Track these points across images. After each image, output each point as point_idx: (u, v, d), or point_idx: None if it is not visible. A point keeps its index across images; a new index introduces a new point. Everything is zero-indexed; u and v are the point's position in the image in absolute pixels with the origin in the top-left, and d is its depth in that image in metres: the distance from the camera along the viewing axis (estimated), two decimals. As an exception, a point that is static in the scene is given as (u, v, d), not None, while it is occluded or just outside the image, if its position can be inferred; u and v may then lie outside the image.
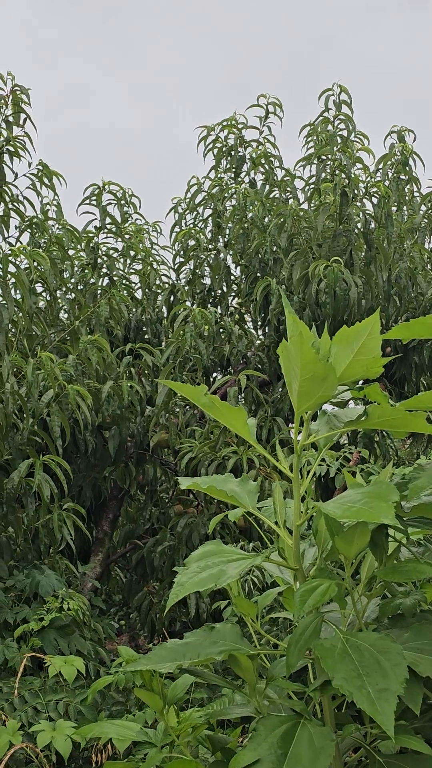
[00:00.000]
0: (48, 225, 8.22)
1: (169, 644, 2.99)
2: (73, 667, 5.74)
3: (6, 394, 6.39)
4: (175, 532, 8.28)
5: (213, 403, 2.84)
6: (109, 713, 5.98)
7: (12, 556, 7.06)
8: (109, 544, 8.88)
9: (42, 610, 6.39)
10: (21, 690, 5.83)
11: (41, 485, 6.51)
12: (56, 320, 8.38)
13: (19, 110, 7.52)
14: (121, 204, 9.28)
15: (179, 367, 8.12)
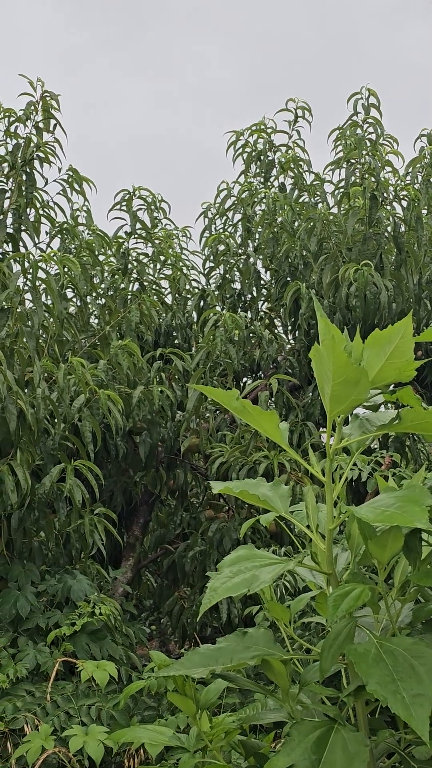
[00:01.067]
0: (78, 230, 8.24)
1: (201, 649, 2.99)
2: (105, 671, 5.75)
3: (38, 400, 6.41)
4: (206, 537, 8.27)
5: (245, 408, 2.83)
6: (141, 718, 5.98)
7: (44, 561, 7.08)
8: (140, 549, 8.88)
9: (74, 615, 6.40)
10: (53, 695, 5.84)
11: (73, 490, 6.52)
12: (86, 325, 8.40)
13: (49, 116, 7.56)
14: (151, 209, 9.30)
15: (210, 371, 8.12)
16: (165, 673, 2.96)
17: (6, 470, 6.23)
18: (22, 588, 6.57)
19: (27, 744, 5.27)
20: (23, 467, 6.28)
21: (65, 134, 7.64)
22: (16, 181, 7.58)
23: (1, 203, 7.53)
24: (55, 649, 6.31)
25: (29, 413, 6.27)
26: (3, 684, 5.83)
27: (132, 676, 6.44)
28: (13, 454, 6.39)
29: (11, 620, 6.44)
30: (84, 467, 6.64)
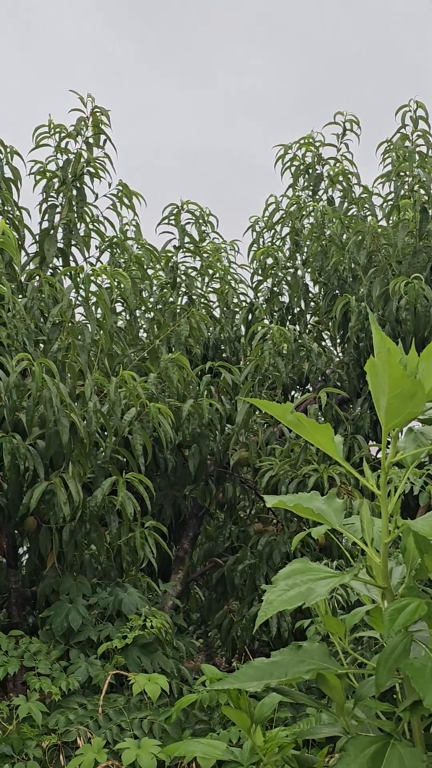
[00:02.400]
0: (127, 245, 8.29)
1: (256, 663, 2.99)
2: (156, 685, 5.76)
3: (89, 413, 6.45)
4: (256, 551, 8.26)
5: (299, 421, 2.83)
6: (193, 732, 5.97)
7: (94, 574, 7.11)
8: (189, 562, 8.89)
9: (125, 628, 6.42)
10: (105, 707, 5.86)
11: (124, 503, 6.55)
12: (136, 339, 8.44)
13: (99, 131, 7.63)
14: (199, 223, 9.33)
15: (258, 385, 8.12)
16: (220, 686, 2.97)
17: (58, 483, 6.27)
18: (74, 601, 6.60)
19: (80, 757, 5.29)
20: (75, 480, 6.32)
21: (115, 149, 7.71)
22: (67, 196, 7.66)
23: (52, 218, 7.61)
24: (106, 662, 6.33)
25: (81, 426, 6.31)
26: (55, 696, 5.86)
27: (183, 690, 6.44)
28: (65, 467, 6.43)
29: (63, 633, 6.47)
30: (135, 480, 6.66)
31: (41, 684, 5.91)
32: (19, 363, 6.10)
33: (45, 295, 6.84)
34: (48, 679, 6.03)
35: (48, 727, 5.76)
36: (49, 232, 7.57)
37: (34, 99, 42.04)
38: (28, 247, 7.74)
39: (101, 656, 6.38)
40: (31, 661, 6.19)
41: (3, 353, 6.39)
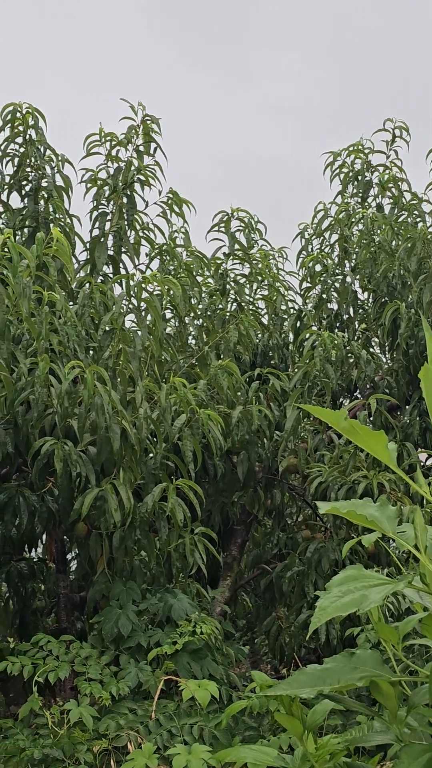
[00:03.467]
0: (177, 252, 8.33)
1: (308, 669, 2.99)
2: (207, 691, 5.77)
3: (140, 419, 6.48)
4: (304, 558, 8.25)
5: (353, 427, 2.83)
6: (243, 738, 5.98)
7: (144, 580, 7.14)
8: (237, 568, 8.90)
9: (175, 634, 6.43)
10: (156, 713, 5.88)
11: (174, 509, 6.58)
12: (185, 346, 8.47)
13: (150, 139, 7.67)
14: (247, 231, 9.35)
15: (307, 391, 8.11)
16: (273, 692, 2.97)
17: (109, 489, 6.31)
18: (124, 606, 6.63)
19: (131, 762, 5.32)
20: (126, 486, 6.36)
21: (165, 157, 7.75)
22: (117, 204, 7.71)
23: (103, 226, 7.66)
24: (156, 668, 6.35)
25: (132, 433, 6.35)
26: (106, 702, 5.89)
27: (232, 696, 6.45)
28: (116, 473, 6.47)
29: (113, 639, 6.50)
30: (186, 486, 6.69)
31: (92, 689, 5.95)
32: (71, 370, 6.15)
33: (96, 302, 6.89)
34: (98, 684, 6.06)
35: (99, 732, 5.79)
36: (99, 240, 7.63)
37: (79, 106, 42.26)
38: (79, 255, 7.81)
39: (151, 662, 6.40)
40: (82, 666, 6.23)
41: (55, 360, 6.44)
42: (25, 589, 7.79)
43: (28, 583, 7.80)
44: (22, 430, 6.56)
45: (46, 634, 6.56)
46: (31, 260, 5.65)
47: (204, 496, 7.26)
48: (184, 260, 8.49)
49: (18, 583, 7.72)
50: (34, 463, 6.44)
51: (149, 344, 6.85)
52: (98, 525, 6.56)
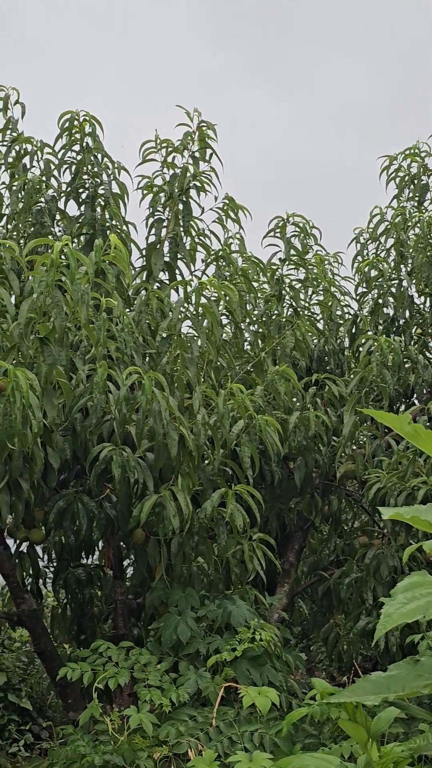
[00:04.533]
0: (233, 258, 8.32)
1: (373, 677, 2.96)
2: (267, 698, 5.74)
3: (197, 425, 6.47)
4: (362, 564, 8.19)
5: (417, 432, 2.81)
6: (303, 746, 5.94)
7: (202, 586, 7.12)
8: (295, 575, 8.86)
9: (234, 641, 6.41)
10: (216, 720, 5.86)
11: (234, 515, 6.56)
12: (241, 352, 8.46)
13: (206, 146, 7.68)
14: (302, 236, 9.32)
15: (365, 397, 8.06)
16: (337, 699, 2.95)
17: (168, 496, 6.31)
18: (183, 613, 6.62)
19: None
20: (184, 493, 6.35)
21: (221, 163, 7.75)
22: (173, 211, 7.72)
23: (159, 232, 7.68)
24: (215, 675, 6.33)
25: (190, 439, 6.34)
26: (166, 708, 5.89)
27: (292, 703, 6.42)
28: (174, 479, 6.47)
29: (172, 645, 6.49)
30: (244, 492, 6.67)
31: (152, 695, 5.95)
32: (129, 377, 6.16)
33: (153, 308, 6.91)
34: (158, 690, 6.06)
35: (159, 739, 5.79)
36: (156, 247, 7.65)
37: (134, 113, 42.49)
38: (135, 262, 7.83)
39: (210, 669, 6.39)
40: (141, 673, 6.23)
41: (113, 367, 6.46)
42: (83, 595, 7.81)
43: (85, 590, 7.82)
44: (80, 436, 6.59)
45: (105, 641, 6.57)
46: (89, 267, 5.67)
47: (261, 502, 7.24)
48: (240, 266, 8.48)
49: (75, 589, 7.74)
50: (92, 470, 6.46)
51: (206, 350, 6.84)
52: (156, 531, 6.56)
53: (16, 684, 9.74)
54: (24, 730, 9.46)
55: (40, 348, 5.67)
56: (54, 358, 5.70)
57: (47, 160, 7.84)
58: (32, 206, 7.55)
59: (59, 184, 7.86)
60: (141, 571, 7.05)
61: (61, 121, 7.63)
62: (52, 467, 6.35)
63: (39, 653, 7.41)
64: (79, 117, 7.61)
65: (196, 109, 7.67)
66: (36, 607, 7.27)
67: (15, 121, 7.97)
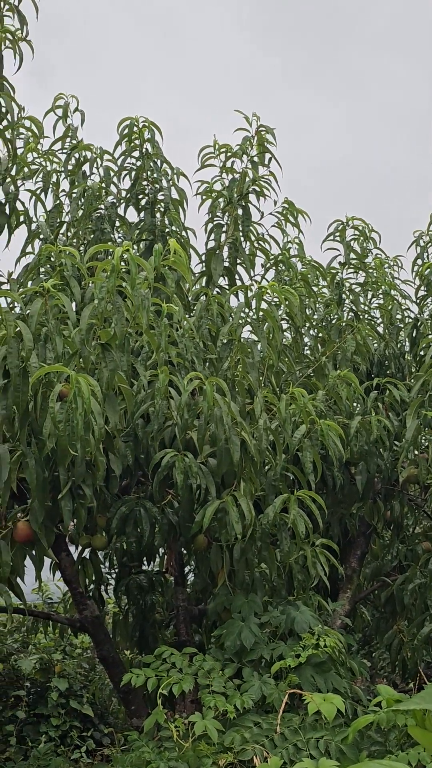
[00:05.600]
0: (292, 262, 8.29)
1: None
2: (332, 705, 5.68)
3: (259, 431, 6.45)
4: (426, 570, 8.12)
5: None
6: (369, 753, 5.88)
7: (264, 592, 7.09)
8: (357, 581, 8.79)
9: (298, 647, 6.36)
10: (281, 726, 5.82)
11: (296, 520, 6.52)
12: (301, 357, 8.42)
13: (264, 150, 7.66)
14: (361, 239, 9.27)
15: (428, 401, 7.98)
16: (406, 706, 2.90)
17: (230, 501, 6.29)
18: (246, 619, 6.59)
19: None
20: (247, 498, 6.32)
21: (280, 167, 7.73)
22: (232, 216, 7.71)
23: (219, 237, 7.68)
24: (279, 681, 6.29)
25: (252, 444, 6.32)
26: (230, 715, 5.86)
27: (357, 710, 6.36)
28: (237, 485, 6.45)
29: (235, 651, 6.46)
30: (307, 497, 6.63)
31: (216, 702, 5.92)
32: (191, 382, 6.15)
33: (213, 313, 6.90)
34: (222, 696, 6.03)
35: (224, 745, 5.75)
36: (215, 252, 7.65)
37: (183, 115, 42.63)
38: (194, 267, 7.83)
39: (274, 675, 6.35)
40: (205, 679, 6.20)
41: (174, 372, 6.46)
42: (145, 601, 7.82)
43: (147, 596, 7.83)
44: (142, 442, 6.60)
45: (166, 647, 6.56)
46: (150, 272, 5.66)
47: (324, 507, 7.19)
48: (300, 270, 8.45)
49: (137, 595, 7.76)
50: (154, 476, 6.47)
51: (267, 355, 6.81)
52: (219, 537, 6.54)
53: (77, 690, 9.80)
54: (86, 736, 9.50)
55: (101, 354, 5.68)
56: (115, 363, 5.70)
57: (107, 167, 7.89)
58: (92, 213, 7.60)
59: (118, 191, 7.90)
60: (203, 577, 7.04)
61: (120, 128, 7.68)
62: (114, 473, 6.36)
63: (102, 659, 7.42)
64: (138, 123, 7.65)
65: (255, 113, 7.67)
66: (98, 613, 7.29)
67: (74, 129, 8.03)
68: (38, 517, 5.87)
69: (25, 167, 7.81)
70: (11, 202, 7.11)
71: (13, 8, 6.75)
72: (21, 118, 7.13)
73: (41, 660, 9.98)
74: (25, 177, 7.78)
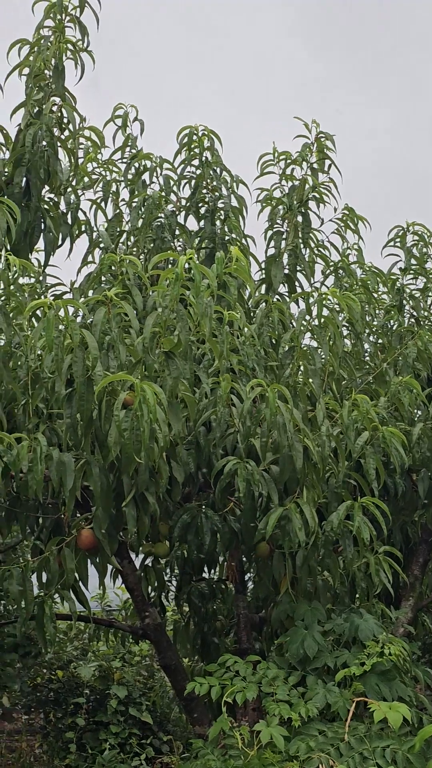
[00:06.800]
0: (352, 269, 8.27)
1: None
2: (398, 713, 5.65)
3: (321, 437, 6.43)
4: None
5: None
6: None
7: (327, 600, 7.06)
8: (420, 589, 8.72)
9: (362, 655, 6.33)
10: (347, 735, 5.79)
11: (360, 527, 6.48)
12: (361, 363, 8.38)
13: (324, 156, 7.66)
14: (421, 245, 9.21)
15: None
16: None
17: (293, 508, 6.27)
18: (309, 627, 6.56)
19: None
20: (309, 505, 6.31)
21: (340, 173, 7.73)
22: (292, 223, 7.71)
23: (279, 244, 7.68)
24: (343, 689, 6.26)
25: (315, 451, 6.30)
26: (295, 723, 5.84)
27: (422, 719, 6.30)
28: (299, 492, 6.43)
29: (299, 659, 6.44)
30: (371, 504, 6.59)
31: (281, 710, 5.90)
32: (253, 389, 6.14)
33: (274, 321, 6.89)
34: (286, 704, 6.01)
35: (289, 754, 5.73)
36: (275, 259, 7.65)
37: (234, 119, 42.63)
38: (253, 275, 7.83)
39: (338, 683, 6.31)
40: (269, 687, 6.19)
41: (235, 380, 6.46)
42: (206, 609, 7.83)
43: (208, 604, 7.83)
44: (204, 450, 6.60)
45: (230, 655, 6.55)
46: (213, 280, 5.67)
47: (389, 514, 7.14)
48: (360, 276, 8.42)
49: (198, 603, 7.76)
50: (216, 483, 6.47)
51: (329, 362, 6.79)
52: (281, 544, 6.53)
53: (136, 698, 9.81)
54: (145, 744, 9.52)
55: (165, 362, 5.70)
56: (179, 371, 5.72)
57: (166, 176, 7.94)
58: (152, 222, 7.63)
59: (178, 199, 7.94)
60: (266, 584, 7.02)
61: (179, 136, 7.74)
62: (177, 481, 6.36)
63: (164, 667, 7.44)
64: (197, 131, 7.69)
65: (315, 120, 7.67)
66: (160, 621, 7.30)
67: (134, 138, 8.10)
68: (102, 524, 5.90)
69: (85, 177, 7.88)
70: (73, 211, 7.17)
71: (75, 19, 6.80)
72: (82, 128, 7.20)
73: (100, 667, 10.03)
74: (85, 187, 7.85)
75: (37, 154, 6.58)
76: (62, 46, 6.69)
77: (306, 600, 6.83)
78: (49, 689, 9.97)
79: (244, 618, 7.37)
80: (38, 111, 6.75)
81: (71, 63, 6.80)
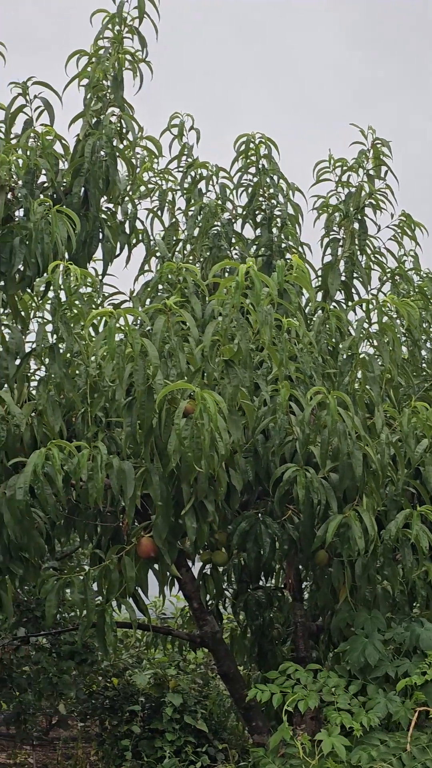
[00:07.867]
0: (409, 275, 8.24)
1: None
2: (462, 724, 5.61)
3: (381, 445, 6.40)
4: None
5: None
6: None
7: (387, 609, 7.02)
8: None
9: (424, 664, 6.28)
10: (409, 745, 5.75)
11: (419, 536, 6.44)
12: (418, 370, 8.34)
13: (380, 163, 7.65)
14: None
15: None
16: None
17: (353, 516, 6.24)
18: (369, 636, 6.52)
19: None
20: (369, 513, 6.28)
21: (396, 180, 7.71)
22: (348, 230, 7.70)
23: (335, 251, 7.67)
24: (405, 699, 6.22)
25: (375, 459, 6.28)
26: (357, 732, 5.81)
27: None
28: (359, 499, 6.41)
29: (360, 668, 6.40)
30: (430, 513, 6.55)
31: (342, 719, 5.87)
32: (314, 397, 6.13)
33: (332, 328, 6.88)
34: (347, 714, 5.98)
35: (351, 764, 5.70)
36: (332, 266, 7.64)
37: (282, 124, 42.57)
38: (311, 282, 7.84)
39: (400, 692, 6.27)
40: (330, 696, 6.16)
41: (293, 387, 6.45)
42: (263, 617, 7.81)
43: (265, 612, 7.81)
44: (263, 458, 6.60)
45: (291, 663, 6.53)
46: (273, 288, 5.67)
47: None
48: (416, 283, 8.38)
49: (256, 611, 7.75)
50: (275, 491, 6.46)
51: (388, 369, 6.76)
52: (340, 552, 6.50)
53: (191, 706, 9.79)
54: (200, 752, 9.49)
55: (225, 370, 5.71)
56: (239, 380, 5.73)
57: (222, 184, 7.96)
58: (208, 230, 7.66)
59: (234, 207, 7.96)
60: (324, 592, 6.99)
61: (236, 144, 7.76)
62: (235, 489, 6.36)
63: (222, 675, 7.43)
64: (255, 139, 7.71)
65: (371, 126, 7.66)
66: (218, 629, 7.29)
67: (190, 147, 8.13)
68: (162, 533, 5.91)
69: (141, 186, 7.92)
70: (130, 221, 7.22)
71: (133, 30, 6.85)
72: (140, 137, 7.24)
73: (155, 675, 10.03)
74: (142, 196, 7.89)
75: (96, 164, 6.62)
76: (121, 57, 6.73)
77: (365, 608, 6.79)
78: (105, 697, 9.97)
79: (301, 626, 7.34)
80: (96, 121, 6.79)
81: (129, 73, 6.84)
